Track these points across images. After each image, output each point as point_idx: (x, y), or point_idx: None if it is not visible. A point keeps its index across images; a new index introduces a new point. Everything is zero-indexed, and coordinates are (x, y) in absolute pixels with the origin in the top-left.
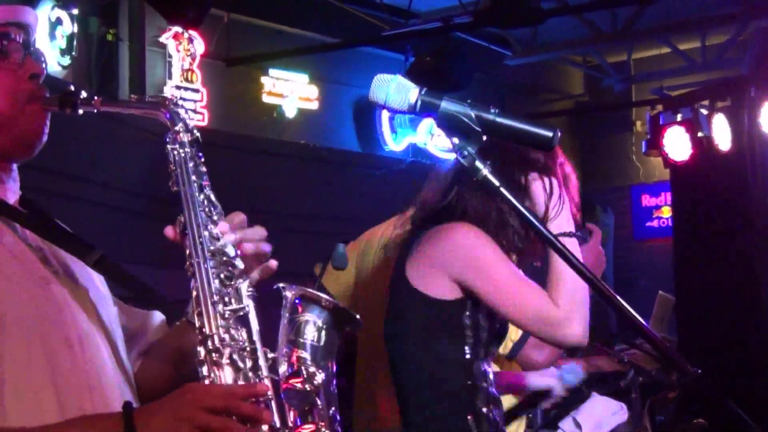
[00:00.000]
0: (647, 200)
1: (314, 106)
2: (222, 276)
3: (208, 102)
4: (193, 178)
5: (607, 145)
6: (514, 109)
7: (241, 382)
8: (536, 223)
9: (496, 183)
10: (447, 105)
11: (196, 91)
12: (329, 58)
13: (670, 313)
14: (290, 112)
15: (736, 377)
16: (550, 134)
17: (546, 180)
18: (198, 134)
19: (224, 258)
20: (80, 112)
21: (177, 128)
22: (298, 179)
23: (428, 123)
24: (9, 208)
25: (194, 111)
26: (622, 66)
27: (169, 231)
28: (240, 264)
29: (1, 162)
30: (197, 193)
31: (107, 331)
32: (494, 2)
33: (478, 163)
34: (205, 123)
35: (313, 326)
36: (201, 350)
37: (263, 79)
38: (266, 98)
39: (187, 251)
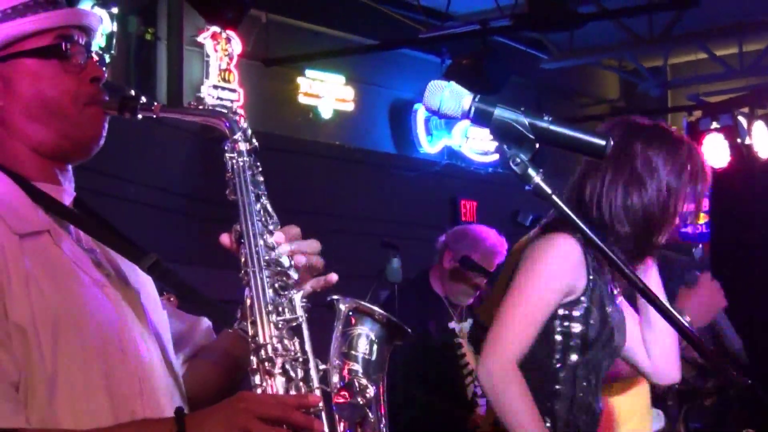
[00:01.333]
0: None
1: (350, 107)
2: (276, 286)
3: (245, 102)
4: (251, 187)
5: None
6: (549, 113)
7: (292, 393)
8: (590, 234)
9: (548, 191)
10: (501, 112)
11: (233, 91)
12: (365, 59)
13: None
14: (326, 113)
15: None
16: (603, 142)
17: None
18: (256, 143)
19: (279, 268)
20: (139, 117)
21: (236, 137)
22: (333, 180)
23: (463, 125)
24: (66, 210)
25: (232, 111)
26: (659, 71)
27: (225, 239)
28: (294, 275)
29: (59, 163)
30: (254, 203)
31: (158, 335)
32: (531, 5)
33: (530, 171)
34: None
35: (365, 339)
36: (254, 359)
37: (300, 80)
38: (302, 99)
39: (242, 260)
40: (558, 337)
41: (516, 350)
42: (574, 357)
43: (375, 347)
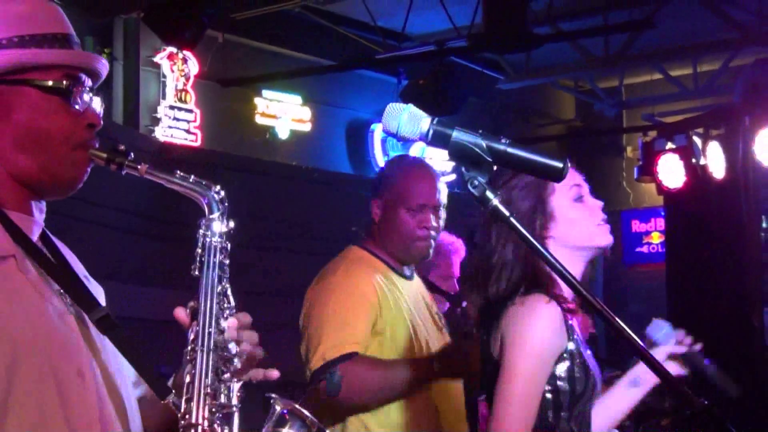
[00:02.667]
0: (637, 226)
1: (307, 127)
2: (218, 370)
3: (202, 122)
4: (217, 270)
5: (597, 170)
6: (506, 133)
7: None
8: (550, 257)
9: (507, 213)
10: (459, 135)
11: (190, 111)
12: (323, 80)
13: None
14: (283, 134)
15: (731, 406)
16: (561, 165)
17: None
18: (232, 225)
19: (225, 354)
20: (124, 173)
21: (213, 216)
22: (290, 200)
23: (420, 146)
24: (30, 244)
25: (187, 131)
26: (614, 91)
27: (180, 313)
28: (238, 363)
29: (35, 195)
30: (217, 284)
31: (118, 366)
32: (488, 27)
33: (488, 193)
34: (198, 143)
35: None
36: None
37: (257, 100)
38: (259, 119)
39: (192, 336)
40: (549, 396)
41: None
42: (564, 413)
43: None
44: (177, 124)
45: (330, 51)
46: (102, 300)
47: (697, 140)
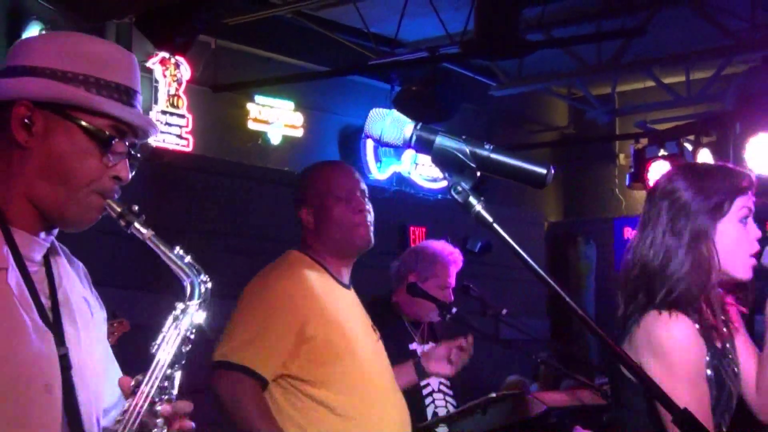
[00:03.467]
0: (629, 233)
1: (299, 133)
2: None
3: (194, 128)
4: (175, 354)
5: (590, 177)
6: (499, 140)
7: None
8: (535, 266)
9: (489, 219)
10: (442, 140)
11: (182, 116)
12: (315, 86)
13: None
14: (275, 139)
15: None
16: (544, 171)
17: None
18: (203, 325)
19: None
20: (129, 231)
21: (191, 303)
22: (282, 206)
23: (413, 152)
24: (21, 262)
25: (179, 136)
26: (607, 98)
27: (124, 382)
28: None
29: (44, 220)
30: (167, 368)
31: (90, 390)
32: (481, 33)
33: (471, 199)
34: (190, 149)
35: None
36: None
37: (249, 106)
38: (252, 125)
39: (125, 408)
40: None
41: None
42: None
43: None
44: (169, 129)
45: (323, 57)
46: (98, 317)
47: (688, 147)
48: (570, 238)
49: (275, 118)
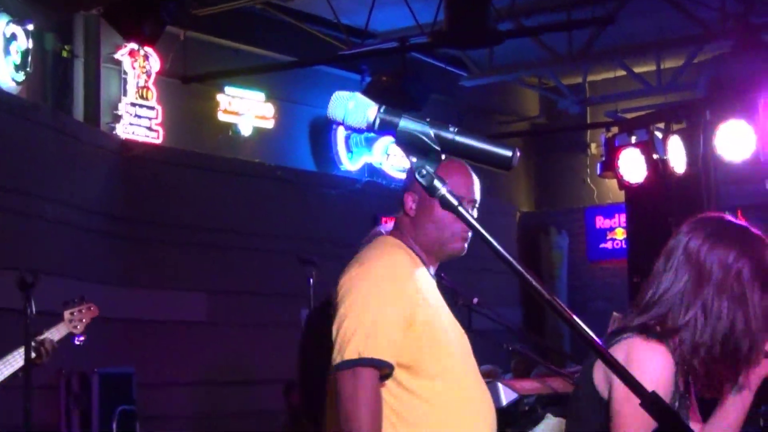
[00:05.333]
0: (601, 222)
1: (270, 124)
2: None
3: (164, 119)
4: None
5: (562, 167)
6: (471, 130)
7: None
8: (502, 251)
9: (455, 202)
10: (406, 123)
11: (152, 108)
12: (286, 76)
13: None
14: (246, 131)
15: None
16: (509, 153)
17: None
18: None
19: None
20: None
21: None
22: (253, 198)
23: (384, 142)
24: None
25: (149, 128)
26: (578, 88)
27: None
28: None
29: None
30: None
31: None
32: (451, 23)
33: (436, 182)
34: (160, 140)
35: None
36: None
37: (219, 97)
38: (222, 116)
39: None
40: None
41: None
42: None
43: None
44: (138, 121)
45: (293, 48)
46: None
47: (659, 135)
48: (542, 227)
49: (245, 109)
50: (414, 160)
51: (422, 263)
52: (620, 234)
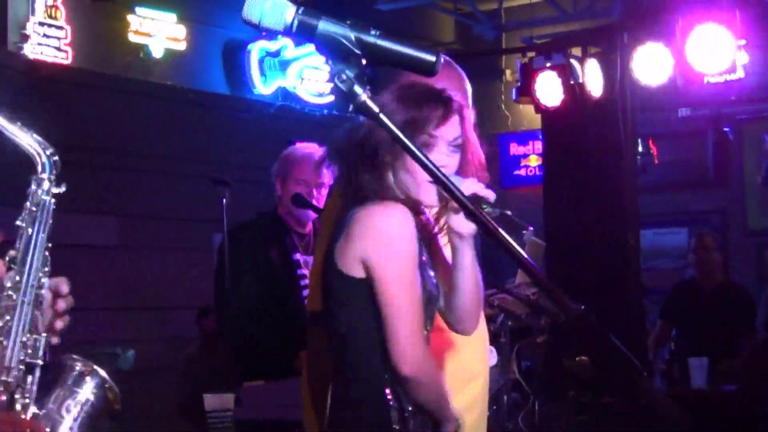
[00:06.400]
0: (515, 149)
1: (182, 46)
2: (34, 324)
3: (73, 39)
4: (46, 229)
5: (476, 94)
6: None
7: None
8: (435, 169)
9: (376, 109)
10: (325, 26)
11: (61, 28)
12: None
13: (540, 258)
14: (157, 53)
15: (606, 320)
16: (433, 58)
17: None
18: (62, 190)
19: (40, 307)
20: None
21: (47, 176)
22: (164, 120)
23: (298, 67)
24: None
25: (58, 48)
26: (494, 14)
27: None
28: (47, 317)
29: None
30: (44, 242)
31: None
32: None
33: (356, 88)
34: (69, 61)
35: (85, 405)
36: None
37: (129, 18)
38: (133, 37)
39: (10, 284)
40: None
41: (411, 335)
42: None
43: (89, 417)
44: (47, 41)
45: None
46: None
47: (575, 59)
48: None
49: (157, 30)
50: (333, 64)
51: None
52: (534, 161)
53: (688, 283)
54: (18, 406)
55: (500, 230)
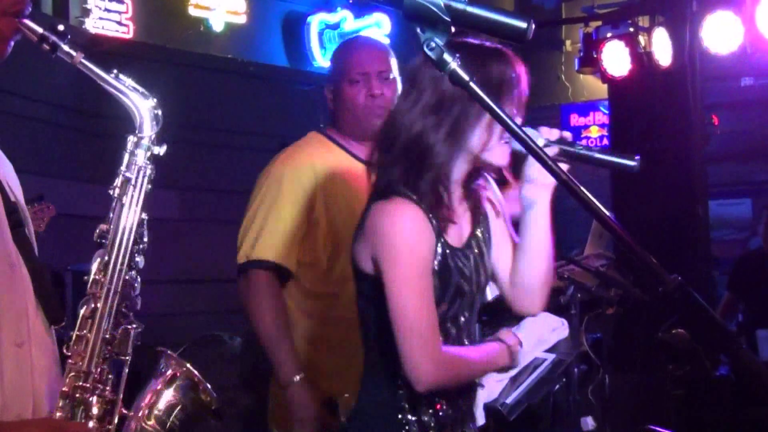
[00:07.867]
0: (576, 120)
1: (242, 20)
2: (120, 314)
3: (134, 14)
4: (142, 201)
5: (536, 65)
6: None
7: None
8: (517, 129)
9: (466, 78)
10: None
11: (121, 2)
12: None
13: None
14: (218, 26)
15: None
16: (524, 25)
17: None
18: (162, 151)
19: (130, 294)
20: (54, 56)
21: (148, 135)
22: (224, 93)
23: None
24: None
25: (119, 23)
26: None
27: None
28: (137, 304)
29: None
30: (139, 215)
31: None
32: None
33: (446, 56)
34: (130, 35)
35: (177, 409)
36: (69, 380)
37: None
38: (193, 11)
39: (98, 268)
40: None
41: (423, 338)
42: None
43: (181, 421)
44: (108, 15)
45: None
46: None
47: (641, 28)
48: None
49: (217, 3)
50: (422, 32)
51: (349, 153)
52: (595, 132)
53: (755, 253)
54: (94, 410)
55: (582, 189)
